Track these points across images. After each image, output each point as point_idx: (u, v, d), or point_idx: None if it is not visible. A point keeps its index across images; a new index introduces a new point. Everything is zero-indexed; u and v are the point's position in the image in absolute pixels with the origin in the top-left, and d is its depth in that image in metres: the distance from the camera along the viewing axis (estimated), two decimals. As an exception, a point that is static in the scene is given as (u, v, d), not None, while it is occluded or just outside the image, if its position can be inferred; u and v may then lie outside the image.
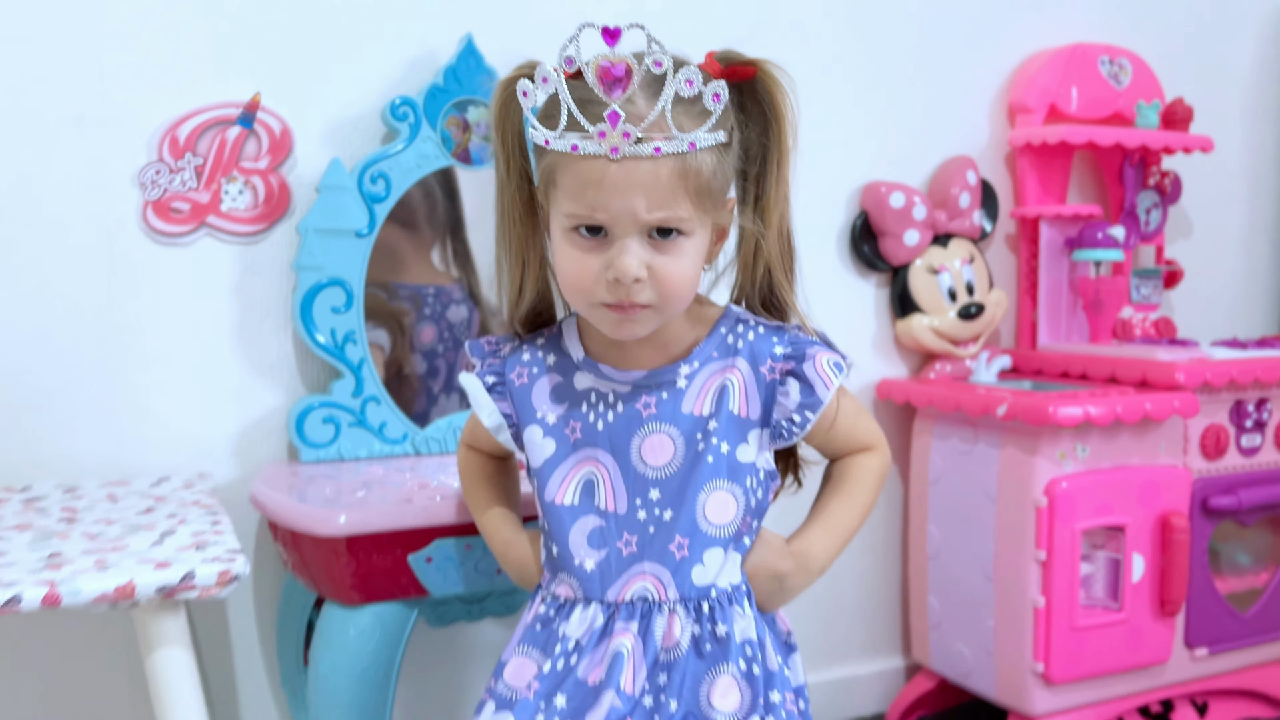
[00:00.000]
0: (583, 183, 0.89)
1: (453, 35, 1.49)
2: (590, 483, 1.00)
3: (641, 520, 0.97)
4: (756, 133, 0.98)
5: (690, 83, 0.87)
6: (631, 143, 0.87)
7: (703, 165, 0.90)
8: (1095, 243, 1.86)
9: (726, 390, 0.99)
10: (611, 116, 0.86)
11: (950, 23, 1.88)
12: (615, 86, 0.87)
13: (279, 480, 1.32)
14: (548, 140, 0.90)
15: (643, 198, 0.88)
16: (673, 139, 0.88)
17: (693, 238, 0.93)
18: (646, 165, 0.87)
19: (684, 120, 0.89)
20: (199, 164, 1.38)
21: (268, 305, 1.44)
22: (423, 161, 1.44)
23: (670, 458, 0.98)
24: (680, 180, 0.89)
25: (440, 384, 1.54)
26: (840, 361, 1.00)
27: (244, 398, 1.44)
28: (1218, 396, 1.73)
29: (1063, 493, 1.57)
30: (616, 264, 0.90)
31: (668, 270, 0.91)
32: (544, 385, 1.03)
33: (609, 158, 0.87)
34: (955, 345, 1.85)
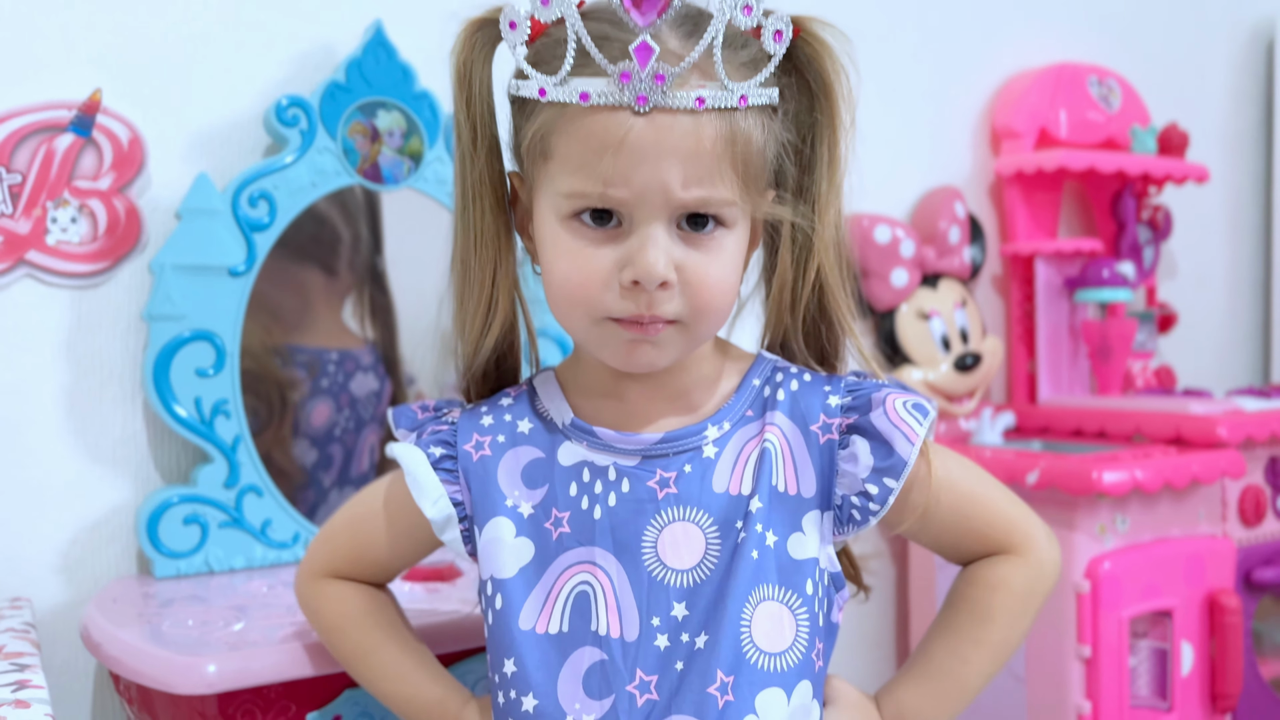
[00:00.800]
0: (594, 145, 0.64)
1: (356, 24, 1.18)
2: (583, 597, 0.70)
3: (663, 650, 0.68)
4: (802, 108, 0.73)
5: (748, 9, 0.64)
6: (665, 88, 0.62)
7: (753, 131, 0.67)
8: (1101, 281, 1.65)
9: (768, 457, 0.71)
10: (640, 50, 0.62)
11: (926, 41, 1.68)
12: (649, 8, 0.62)
13: (124, 607, 0.97)
14: (543, 90, 0.65)
15: (677, 167, 0.64)
16: (722, 88, 0.64)
17: (734, 231, 0.69)
18: (685, 123, 0.64)
19: (732, 67, 0.65)
20: (15, 183, 1.04)
21: (110, 367, 1.10)
22: (319, 179, 1.12)
23: (700, 557, 0.70)
24: (727, 148, 0.65)
25: (334, 476, 1.20)
26: (923, 404, 0.73)
27: (76, 493, 1.08)
28: (1254, 453, 1.52)
29: (1106, 574, 1.32)
30: (637, 261, 0.66)
31: (704, 273, 0.67)
32: (514, 461, 0.73)
33: (634, 109, 0.63)
34: (950, 401, 1.60)
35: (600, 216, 0.67)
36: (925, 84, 1.68)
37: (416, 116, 1.17)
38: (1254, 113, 2.14)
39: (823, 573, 0.72)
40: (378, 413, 1.24)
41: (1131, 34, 1.93)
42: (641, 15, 0.63)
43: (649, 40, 0.63)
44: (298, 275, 1.18)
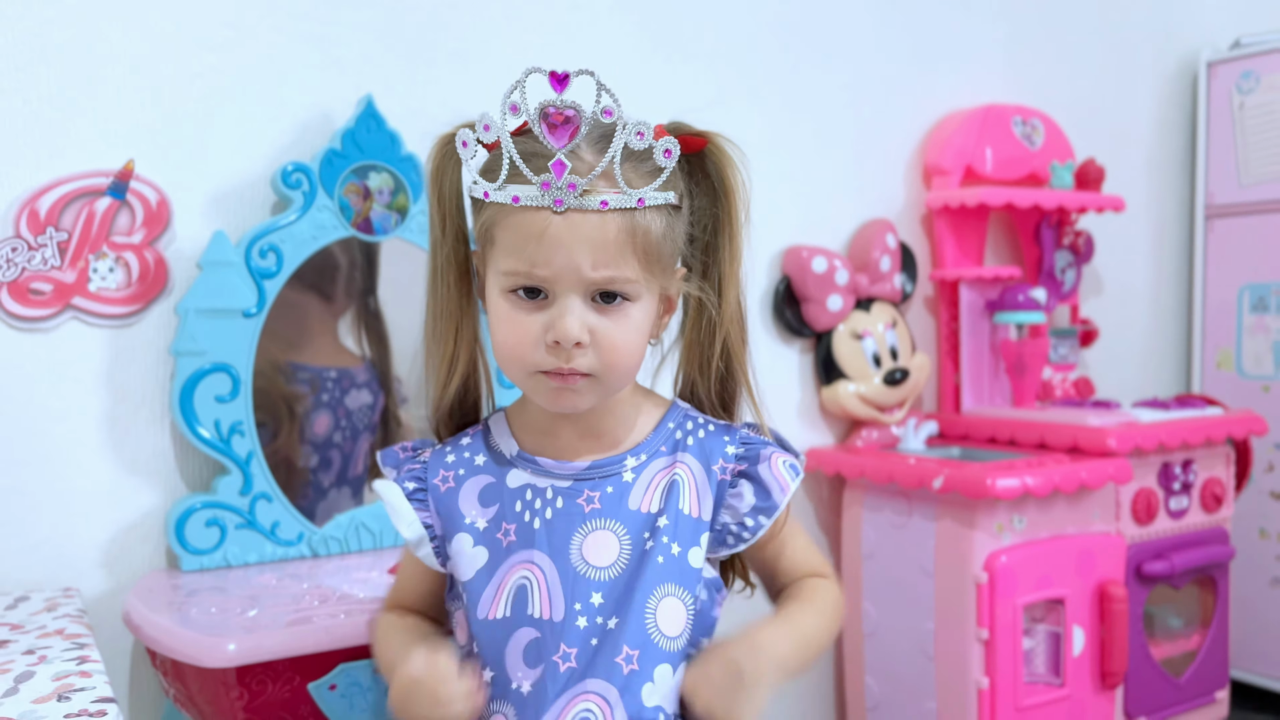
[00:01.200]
0: (523, 236, 0.82)
1: (350, 97, 1.37)
2: (523, 589, 0.88)
3: (582, 629, 0.86)
4: (707, 204, 0.92)
5: (641, 135, 0.82)
6: (577, 194, 0.80)
7: (651, 225, 0.84)
8: (1017, 305, 1.84)
9: (676, 486, 0.90)
10: (556, 165, 0.80)
11: (862, 85, 1.85)
12: (561, 132, 0.81)
13: (157, 596, 1.17)
14: (487, 193, 0.84)
15: (587, 254, 0.81)
16: (621, 193, 0.81)
17: (639, 304, 0.86)
18: (592, 220, 0.81)
19: (633, 176, 0.83)
20: (63, 240, 1.23)
21: (142, 394, 1.29)
22: (319, 232, 1.32)
23: (615, 557, 0.88)
24: (628, 239, 0.82)
25: (332, 478, 1.40)
26: (796, 464, 0.92)
27: (115, 500, 1.28)
28: (1146, 460, 1.71)
29: (1003, 567, 1.52)
30: (557, 325, 0.83)
31: (611, 336, 0.84)
32: (472, 488, 0.92)
33: (552, 209, 0.81)
34: (881, 411, 1.79)
35: (531, 291, 0.85)
36: (862, 124, 1.86)
37: (403, 177, 1.36)
38: (1179, 141, 2.32)
39: (709, 578, 0.91)
40: (371, 423, 1.43)
41: (1061, 74, 2.11)
42: (556, 140, 0.82)
43: (563, 158, 0.81)
44: (300, 301, 1.36)
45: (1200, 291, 2.26)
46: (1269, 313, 2.15)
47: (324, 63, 1.37)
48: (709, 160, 0.91)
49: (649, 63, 1.63)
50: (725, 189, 0.91)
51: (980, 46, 2.00)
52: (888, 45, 1.88)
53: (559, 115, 0.81)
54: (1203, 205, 2.25)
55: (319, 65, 1.37)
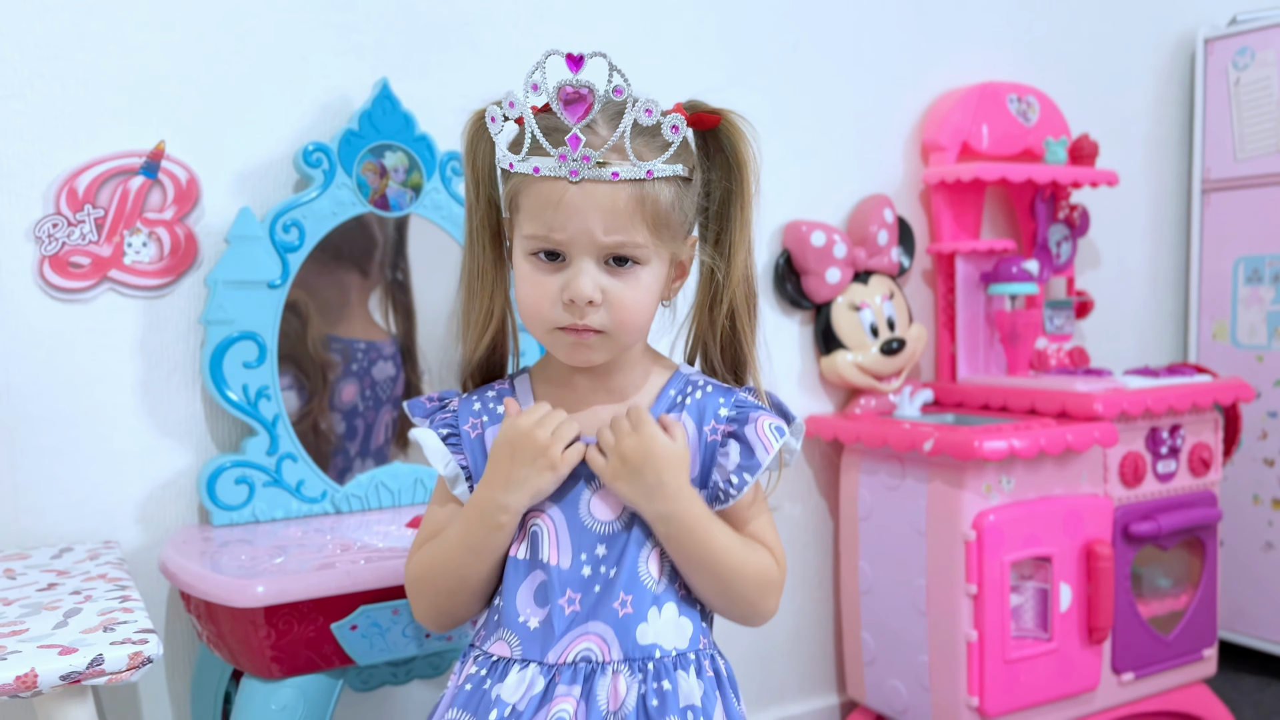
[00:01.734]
0: (542, 203, 0.90)
1: (366, 80, 1.45)
2: (535, 534, 0.96)
3: (586, 577, 0.94)
4: (720, 176, 0.99)
5: (649, 111, 0.89)
6: (591, 166, 0.88)
7: (660, 195, 0.91)
8: (1010, 277, 1.90)
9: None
10: (572, 140, 0.88)
11: (862, 63, 1.91)
12: (576, 109, 0.88)
13: (190, 547, 1.26)
14: (512, 164, 0.92)
15: (600, 220, 0.89)
16: (631, 165, 0.89)
17: (648, 267, 0.93)
18: (604, 189, 0.89)
19: (643, 149, 0.91)
20: (99, 216, 1.32)
21: (175, 361, 1.38)
22: (338, 208, 1.40)
23: (618, 513, 0.96)
24: (637, 206, 0.90)
25: (357, 445, 1.49)
26: (782, 426, 0.99)
27: (150, 459, 1.37)
28: (1134, 425, 1.77)
29: (990, 525, 1.59)
30: (571, 285, 0.90)
31: (622, 296, 0.92)
32: (495, 434, 0.99)
33: (568, 180, 0.89)
34: (879, 380, 1.86)
35: (550, 254, 0.92)
36: (861, 102, 1.92)
37: (417, 155, 1.44)
38: (1177, 116, 2.36)
39: None
40: (393, 395, 1.51)
41: (1059, 52, 2.15)
42: (572, 116, 0.89)
43: (578, 133, 0.89)
44: (340, 275, 1.45)
45: (1196, 264, 2.31)
46: (1263, 284, 2.20)
47: (343, 48, 1.45)
48: (723, 135, 0.98)
49: (654, 45, 1.70)
50: (738, 161, 0.98)
51: (978, 24, 2.05)
52: (886, 23, 1.93)
53: (574, 93, 0.89)
54: (1199, 179, 2.30)
55: (338, 50, 1.44)
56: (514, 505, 0.94)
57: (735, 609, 0.98)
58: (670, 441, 0.93)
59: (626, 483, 0.93)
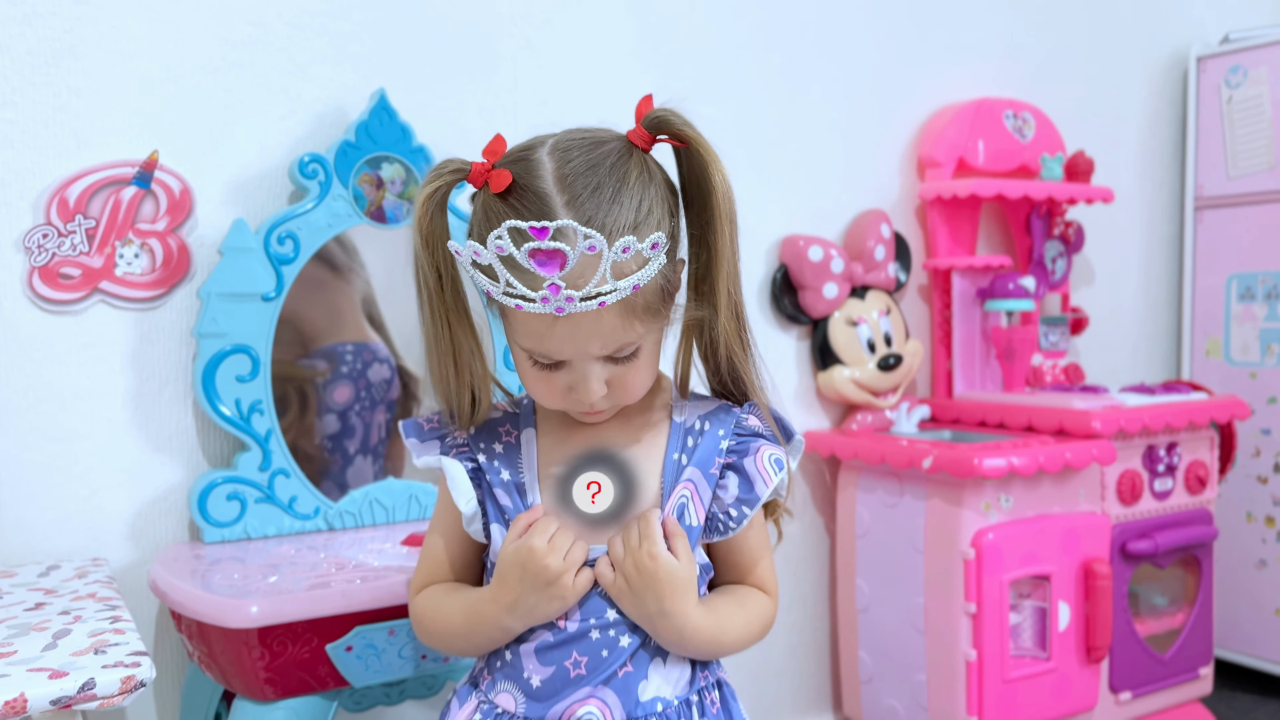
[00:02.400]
0: (531, 331, 0.88)
1: (363, 91, 1.44)
2: None
3: (595, 640, 0.92)
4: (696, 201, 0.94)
5: (627, 250, 0.83)
6: (576, 303, 0.84)
7: (647, 290, 0.87)
8: (1006, 293, 1.89)
9: (684, 507, 0.95)
10: (552, 288, 0.83)
11: (859, 79, 1.91)
12: (551, 266, 0.83)
13: (181, 564, 1.23)
14: (489, 291, 0.87)
15: (594, 340, 0.87)
16: (616, 290, 0.84)
17: (648, 344, 0.92)
18: (592, 316, 0.85)
19: (624, 269, 0.85)
20: (91, 227, 1.30)
21: (166, 374, 1.35)
22: (334, 220, 1.38)
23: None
24: (628, 313, 0.87)
25: (356, 445, 1.46)
26: (782, 458, 0.97)
27: (141, 474, 1.34)
28: (1131, 443, 1.77)
29: (989, 544, 1.57)
30: (579, 389, 0.90)
31: (628, 380, 0.92)
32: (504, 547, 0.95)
33: (555, 315, 0.85)
34: (875, 396, 1.85)
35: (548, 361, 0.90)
36: (857, 117, 1.91)
37: (414, 167, 1.42)
38: (1170, 133, 2.37)
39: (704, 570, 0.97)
40: (388, 397, 1.49)
41: (1052, 68, 2.16)
42: (548, 271, 0.83)
43: (557, 281, 0.83)
44: (327, 283, 1.43)
45: (1190, 281, 2.32)
46: (1256, 301, 2.20)
47: (339, 58, 1.43)
48: (689, 163, 0.93)
49: (647, 57, 1.69)
50: (708, 188, 0.91)
51: (974, 41, 2.05)
52: (882, 40, 1.93)
53: (547, 252, 0.83)
54: (1192, 197, 2.30)
55: (334, 60, 1.43)
56: (516, 628, 0.93)
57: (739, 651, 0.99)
58: (673, 562, 0.91)
59: (630, 603, 0.91)
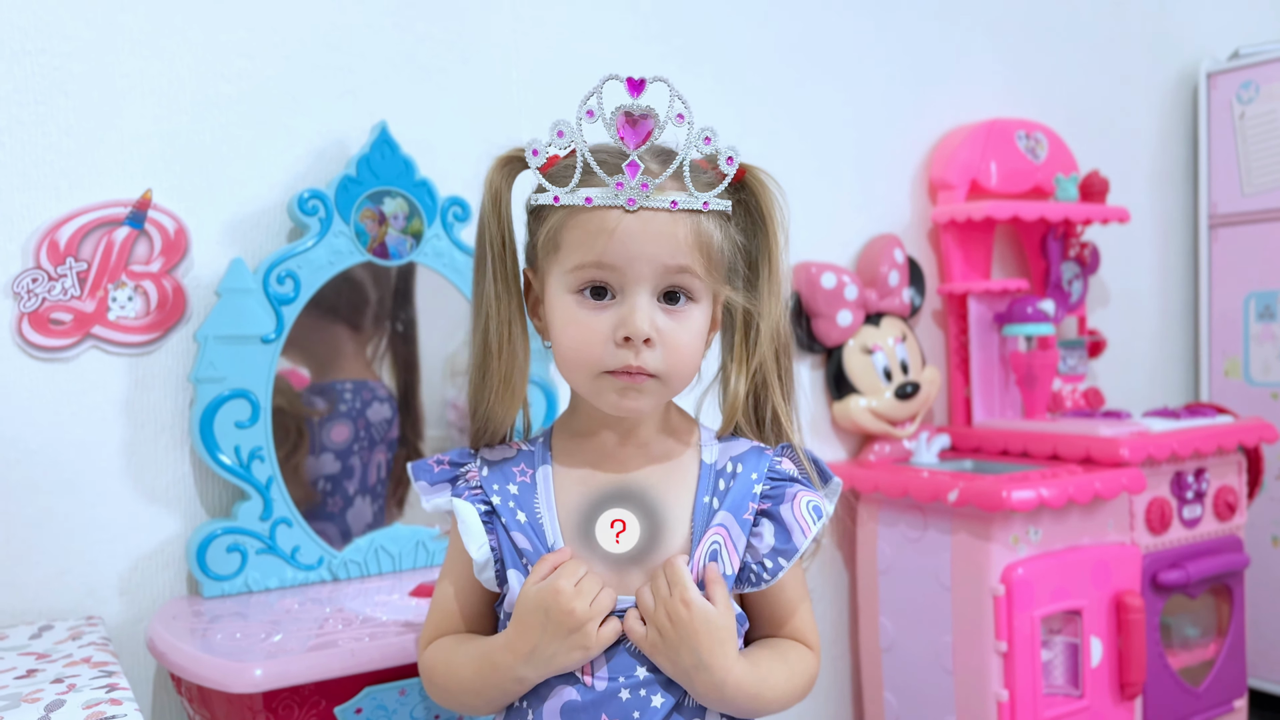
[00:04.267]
0: (595, 232, 0.84)
1: (364, 124, 1.39)
2: None
3: (624, 700, 0.86)
4: (746, 230, 0.94)
5: (708, 139, 0.87)
6: (648, 194, 0.84)
7: (713, 231, 0.88)
8: (1025, 317, 1.85)
9: (717, 554, 0.88)
10: (630, 166, 0.83)
11: (868, 101, 1.87)
12: (637, 134, 0.84)
13: (180, 622, 1.17)
14: (557, 197, 0.85)
15: (659, 246, 0.84)
16: (689, 195, 0.85)
17: (700, 306, 0.89)
18: (663, 217, 0.85)
19: (697, 181, 0.87)
20: (82, 270, 1.24)
21: (162, 421, 1.30)
22: (335, 258, 1.33)
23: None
24: (695, 238, 0.86)
25: (355, 484, 1.40)
26: (821, 505, 0.91)
27: (136, 526, 1.29)
28: (1159, 470, 1.71)
29: (1019, 579, 1.52)
30: (628, 321, 0.84)
31: (677, 336, 0.86)
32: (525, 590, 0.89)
33: (625, 208, 0.84)
34: (893, 425, 1.80)
35: (598, 292, 0.85)
36: (866, 140, 1.87)
37: (417, 201, 1.37)
38: (1182, 151, 2.33)
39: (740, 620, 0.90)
40: (388, 436, 1.44)
41: (1062, 88, 2.12)
42: (631, 141, 0.85)
43: (637, 159, 0.84)
44: (328, 330, 1.37)
45: (1206, 300, 2.27)
46: (1275, 320, 2.16)
47: (338, 91, 1.38)
48: (748, 190, 0.93)
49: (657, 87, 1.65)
50: (764, 216, 0.93)
51: (981, 61, 2.01)
52: (890, 62, 1.90)
53: (637, 117, 0.85)
54: (1206, 214, 2.27)
55: (334, 93, 1.38)
56: (532, 679, 0.87)
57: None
58: (711, 610, 0.84)
59: (664, 657, 0.85)
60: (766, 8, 1.76)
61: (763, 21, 1.76)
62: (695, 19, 1.69)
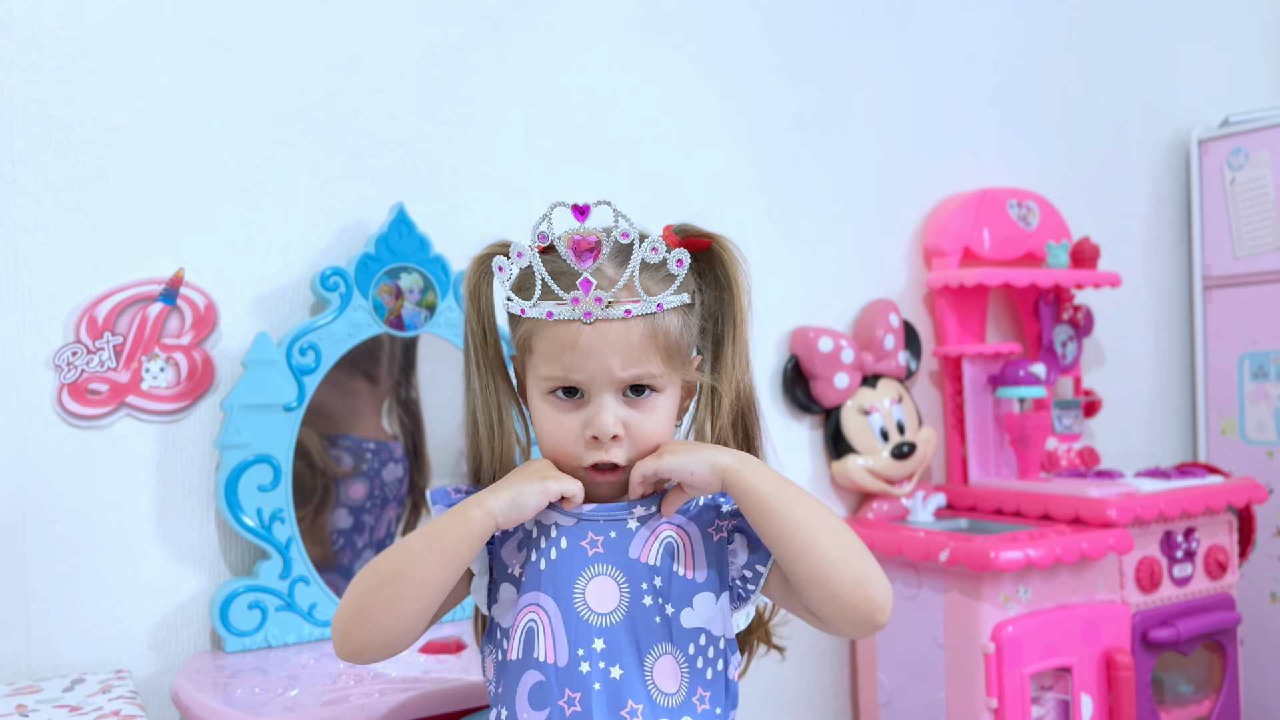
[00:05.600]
0: (558, 346, 0.93)
1: (383, 204, 1.48)
2: (531, 631, 0.94)
3: (585, 674, 0.92)
4: (714, 295, 1.02)
5: (655, 250, 0.94)
6: (603, 306, 0.92)
7: (670, 325, 0.95)
8: (1017, 380, 1.91)
9: (673, 548, 0.96)
10: (584, 284, 0.91)
11: (866, 169, 1.95)
12: (586, 256, 0.92)
13: (204, 677, 1.24)
14: (524, 309, 0.95)
15: (617, 356, 0.92)
16: (641, 301, 0.93)
17: (665, 394, 0.97)
18: (618, 327, 0.92)
19: (651, 285, 0.94)
20: (118, 343, 1.33)
21: (189, 485, 1.38)
22: (354, 330, 1.41)
23: (615, 604, 0.94)
24: (650, 339, 0.93)
25: (365, 538, 1.47)
26: None
27: (164, 584, 1.36)
28: (1148, 529, 1.76)
29: (1009, 637, 1.57)
30: (595, 422, 0.93)
31: (645, 427, 0.95)
32: (513, 537, 0.99)
33: (583, 321, 0.92)
34: (890, 484, 1.85)
35: (569, 391, 0.95)
36: (863, 209, 1.95)
37: (432, 276, 1.46)
38: (1175, 215, 2.40)
39: (712, 638, 0.96)
40: (399, 494, 1.51)
41: (1056, 156, 2.20)
42: (582, 262, 0.92)
43: (589, 276, 0.92)
44: (349, 382, 1.46)
45: (1201, 360, 2.33)
46: (1269, 380, 2.21)
47: (359, 173, 1.48)
48: (715, 258, 1.01)
49: (660, 160, 1.74)
50: (730, 283, 1.01)
51: (976, 131, 2.09)
52: (886, 132, 1.98)
53: (584, 241, 0.93)
54: (1200, 277, 2.33)
55: (355, 176, 1.48)
56: (489, 504, 0.92)
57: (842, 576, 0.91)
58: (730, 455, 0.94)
59: (676, 455, 0.94)
60: (771, 79, 1.85)
61: (768, 95, 1.84)
62: (702, 89, 1.78)
